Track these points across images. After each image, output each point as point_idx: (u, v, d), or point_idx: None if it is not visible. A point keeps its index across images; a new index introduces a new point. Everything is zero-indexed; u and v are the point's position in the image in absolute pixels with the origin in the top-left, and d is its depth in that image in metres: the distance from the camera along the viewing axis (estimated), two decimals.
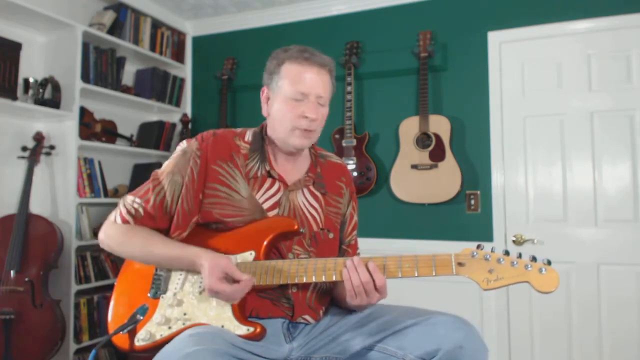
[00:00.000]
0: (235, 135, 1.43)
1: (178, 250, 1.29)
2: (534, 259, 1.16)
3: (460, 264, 1.18)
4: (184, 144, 1.41)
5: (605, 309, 2.65)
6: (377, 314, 1.29)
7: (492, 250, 1.19)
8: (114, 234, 1.36)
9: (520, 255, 1.17)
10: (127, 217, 1.35)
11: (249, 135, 1.44)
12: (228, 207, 1.34)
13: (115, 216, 1.38)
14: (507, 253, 1.18)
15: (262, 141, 1.42)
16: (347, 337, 1.28)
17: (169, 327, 1.26)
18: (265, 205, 1.36)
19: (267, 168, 1.39)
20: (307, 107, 1.32)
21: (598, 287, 2.67)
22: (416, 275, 1.21)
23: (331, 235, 1.44)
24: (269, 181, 1.38)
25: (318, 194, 1.44)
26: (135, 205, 1.35)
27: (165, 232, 1.37)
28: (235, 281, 1.22)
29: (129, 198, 1.37)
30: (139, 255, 1.34)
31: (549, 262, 1.15)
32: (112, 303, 1.38)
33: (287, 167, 1.42)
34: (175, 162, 1.38)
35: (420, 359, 1.16)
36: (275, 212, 1.36)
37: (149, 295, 1.32)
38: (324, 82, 1.35)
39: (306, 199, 1.42)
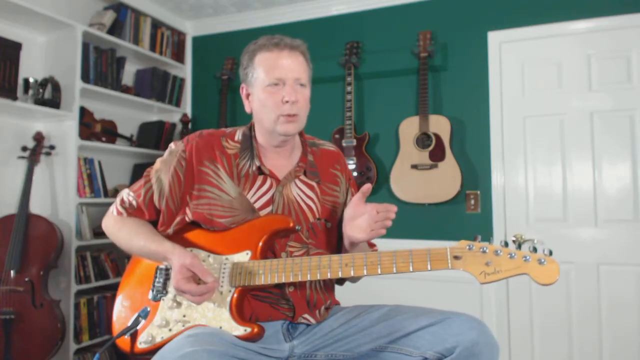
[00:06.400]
0: (224, 135, 1.43)
1: (155, 245, 1.31)
2: (534, 249, 1.11)
3: (456, 258, 1.14)
4: (172, 146, 1.43)
5: (605, 309, 2.65)
6: (388, 315, 1.27)
7: (490, 242, 1.14)
8: (109, 225, 1.45)
9: (519, 247, 1.12)
10: (121, 209, 1.42)
11: (238, 134, 1.43)
12: (218, 207, 1.34)
13: (112, 208, 1.45)
14: (505, 244, 1.13)
15: (251, 139, 1.41)
16: (357, 337, 1.27)
17: (169, 330, 1.26)
18: (258, 204, 1.35)
19: (258, 164, 1.37)
20: (285, 91, 1.31)
21: (598, 287, 2.67)
22: (411, 270, 1.16)
23: (329, 225, 1.42)
24: (260, 179, 1.37)
25: (313, 183, 1.42)
26: (130, 198, 1.42)
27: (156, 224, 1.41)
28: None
29: (125, 191, 1.44)
30: (125, 247, 1.40)
31: (550, 253, 1.10)
32: (115, 305, 1.39)
33: (279, 162, 1.40)
34: (162, 162, 1.41)
35: (439, 354, 1.17)
36: (269, 209, 1.35)
37: (149, 297, 1.32)
38: (298, 64, 1.34)
39: (301, 190, 1.40)
